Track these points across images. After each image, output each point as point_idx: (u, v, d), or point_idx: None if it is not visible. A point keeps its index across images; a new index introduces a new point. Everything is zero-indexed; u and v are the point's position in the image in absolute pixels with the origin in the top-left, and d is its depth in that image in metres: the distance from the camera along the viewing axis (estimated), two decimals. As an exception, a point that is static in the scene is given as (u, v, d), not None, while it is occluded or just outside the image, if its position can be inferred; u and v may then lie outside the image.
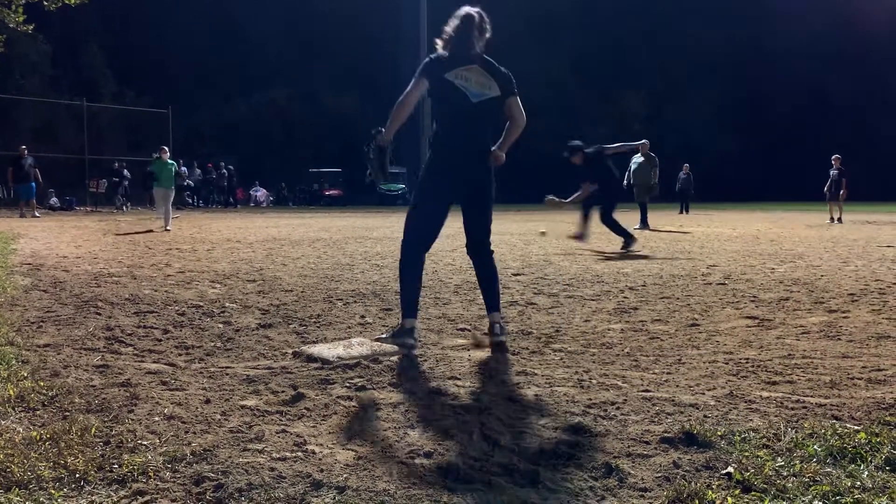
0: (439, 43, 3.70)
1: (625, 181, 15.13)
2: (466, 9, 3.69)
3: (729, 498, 1.87)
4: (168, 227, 13.26)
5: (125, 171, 27.28)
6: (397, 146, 3.77)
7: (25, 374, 2.97)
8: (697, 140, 49.95)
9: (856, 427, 2.39)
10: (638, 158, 14.88)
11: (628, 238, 9.20)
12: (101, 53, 42.16)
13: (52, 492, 1.87)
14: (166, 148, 14.11)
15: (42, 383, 2.84)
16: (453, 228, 4.27)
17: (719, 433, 2.33)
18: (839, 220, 17.46)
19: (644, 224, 14.40)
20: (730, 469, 2.05)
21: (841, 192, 17.61)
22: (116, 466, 2.03)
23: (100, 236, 11.76)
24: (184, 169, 19.37)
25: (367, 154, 3.73)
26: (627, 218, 14.78)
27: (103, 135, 34.04)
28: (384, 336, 3.71)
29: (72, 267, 7.04)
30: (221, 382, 2.99)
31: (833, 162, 18.08)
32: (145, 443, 2.24)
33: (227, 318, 4.47)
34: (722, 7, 50.39)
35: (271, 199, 37.15)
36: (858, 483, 1.95)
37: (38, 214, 19.68)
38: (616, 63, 51.43)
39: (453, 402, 2.76)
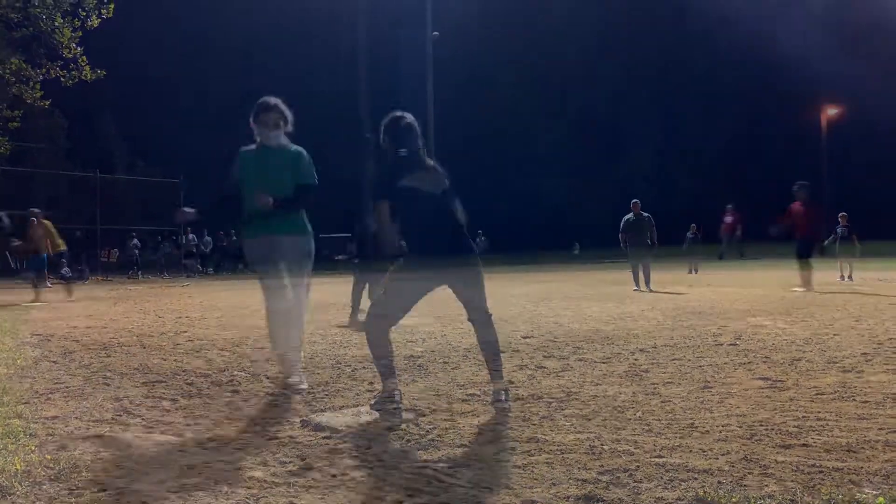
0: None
1: (621, 242, 14.97)
2: (407, 117, 3.96)
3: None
4: (302, 384, 4.35)
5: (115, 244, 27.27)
6: None
7: (33, 448, 2.96)
8: (705, 198, 50.24)
9: (874, 492, 2.34)
10: (629, 218, 14.69)
11: None
12: (114, 125, 43.25)
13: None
14: (275, 100, 4.95)
15: (49, 457, 2.83)
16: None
17: (734, 500, 2.29)
18: (850, 277, 17.35)
19: (647, 284, 14.26)
20: (746, 538, 2.01)
21: (855, 249, 17.64)
22: (122, 543, 2.01)
23: (110, 306, 11.82)
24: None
25: None
26: (625, 276, 14.76)
27: (116, 205, 34.56)
28: (373, 402, 3.75)
29: (82, 337, 7.06)
30: (229, 453, 2.97)
31: (839, 220, 18.11)
32: (151, 518, 2.21)
33: (236, 387, 4.45)
34: (729, 71, 51.42)
35: (281, 265, 37.20)
36: (879, 551, 1.90)
37: (49, 285, 19.81)
38: (621, 122, 52.23)
39: (464, 471, 2.72)
